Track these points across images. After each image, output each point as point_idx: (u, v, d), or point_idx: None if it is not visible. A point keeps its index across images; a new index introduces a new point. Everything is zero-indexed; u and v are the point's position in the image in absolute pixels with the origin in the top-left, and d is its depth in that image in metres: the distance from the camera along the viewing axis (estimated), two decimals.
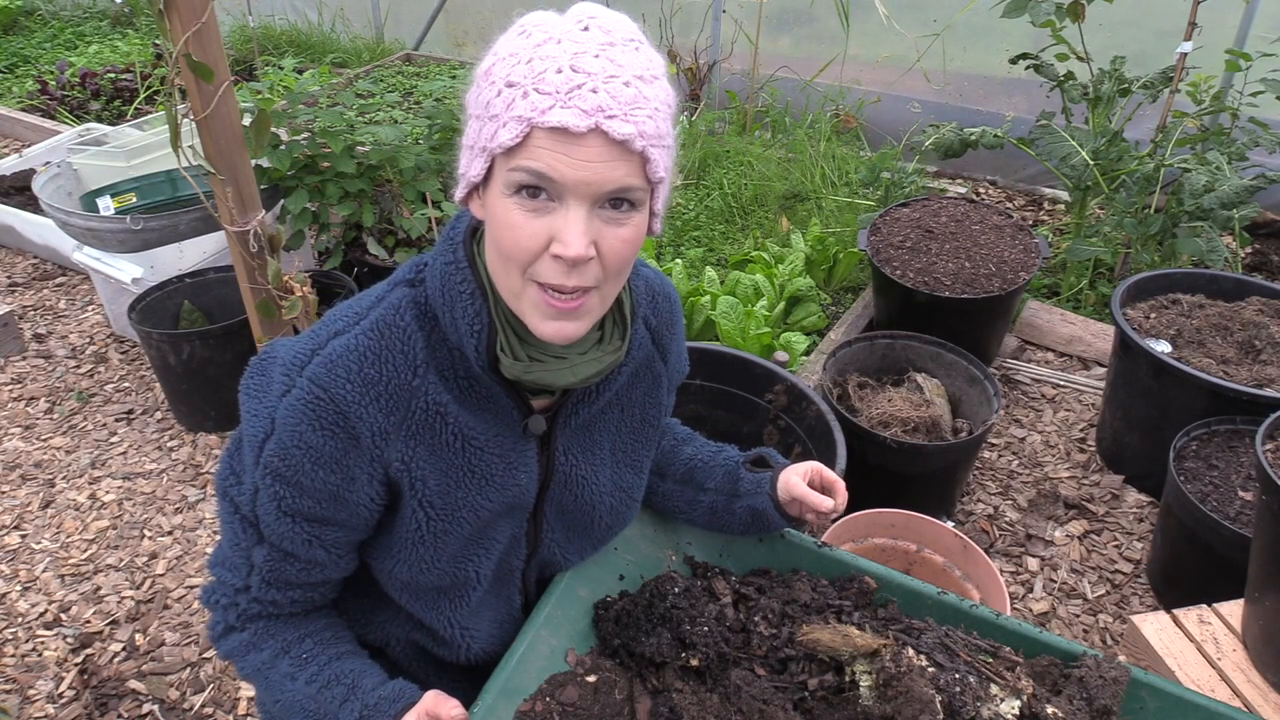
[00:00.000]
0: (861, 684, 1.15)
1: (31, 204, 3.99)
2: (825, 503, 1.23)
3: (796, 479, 1.26)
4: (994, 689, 1.14)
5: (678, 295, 1.23)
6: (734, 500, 1.30)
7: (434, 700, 1.01)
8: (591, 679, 1.14)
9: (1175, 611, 2.03)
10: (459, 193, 0.95)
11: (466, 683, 1.20)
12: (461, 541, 1.07)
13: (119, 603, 2.48)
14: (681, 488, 1.35)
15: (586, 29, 0.85)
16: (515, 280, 0.91)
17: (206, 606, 1.12)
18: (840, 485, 1.26)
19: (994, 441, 2.98)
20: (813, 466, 1.28)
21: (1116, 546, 2.60)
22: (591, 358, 1.01)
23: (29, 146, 4.57)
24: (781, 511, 1.28)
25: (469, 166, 0.92)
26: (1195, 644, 1.96)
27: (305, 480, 0.97)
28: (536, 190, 0.86)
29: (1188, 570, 2.32)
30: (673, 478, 1.36)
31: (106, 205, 3.03)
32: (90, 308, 3.78)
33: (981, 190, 4.49)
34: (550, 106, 0.82)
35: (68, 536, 2.70)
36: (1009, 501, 2.76)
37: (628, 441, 1.19)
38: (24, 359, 3.48)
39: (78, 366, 3.44)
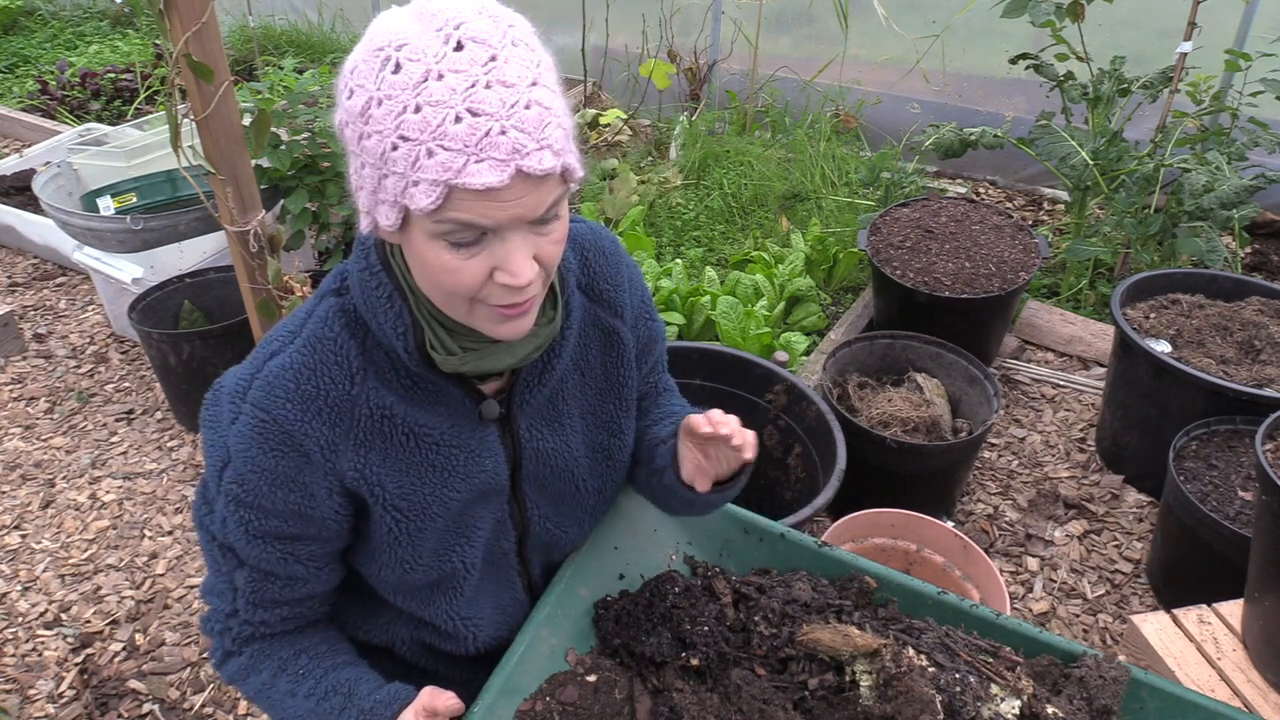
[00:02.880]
0: (862, 684, 1.15)
1: (32, 204, 3.99)
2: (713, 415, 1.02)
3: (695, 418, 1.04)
4: (994, 689, 1.14)
5: (617, 244, 1.16)
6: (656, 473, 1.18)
7: (429, 695, 1.02)
8: (591, 678, 1.14)
9: (1175, 611, 2.03)
10: (363, 224, 0.90)
11: (482, 672, 1.20)
12: (439, 535, 1.07)
13: (119, 603, 2.48)
14: (644, 472, 1.24)
15: (460, 47, 0.78)
16: (462, 307, 0.91)
17: (205, 634, 1.15)
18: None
19: (994, 441, 2.98)
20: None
21: (1116, 546, 2.60)
22: (527, 336, 1.00)
23: (29, 146, 4.56)
24: (675, 465, 1.12)
25: (374, 209, 0.87)
26: (1195, 644, 1.96)
27: (266, 503, 0.98)
28: (467, 234, 0.84)
29: (1188, 570, 2.32)
30: (645, 464, 1.25)
31: (106, 205, 3.02)
32: (90, 308, 3.78)
33: (981, 190, 4.48)
34: (464, 165, 0.78)
35: (68, 536, 2.70)
36: (1009, 501, 2.76)
37: (594, 403, 1.17)
38: (24, 359, 3.48)
39: (78, 366, 3.44)
